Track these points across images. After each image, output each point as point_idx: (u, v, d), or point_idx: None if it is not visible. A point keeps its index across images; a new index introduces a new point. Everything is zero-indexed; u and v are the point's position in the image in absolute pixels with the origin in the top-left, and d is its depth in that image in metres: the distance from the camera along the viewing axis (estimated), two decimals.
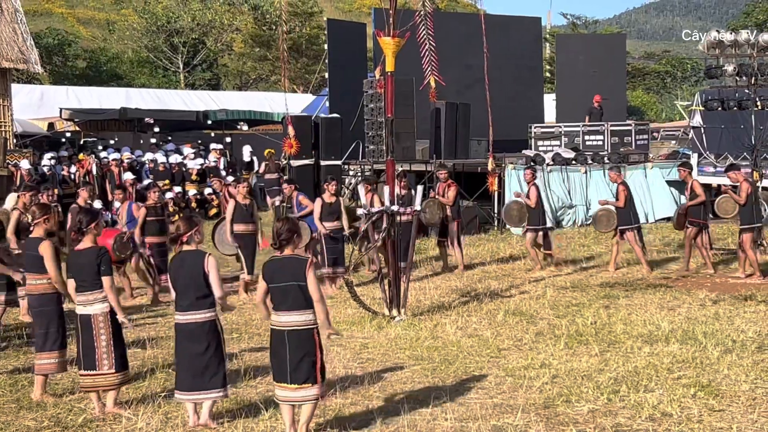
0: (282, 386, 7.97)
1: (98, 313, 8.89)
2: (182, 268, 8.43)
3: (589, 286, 15.59)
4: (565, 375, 9.98)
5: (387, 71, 13.44)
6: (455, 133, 25.12)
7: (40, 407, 9.24)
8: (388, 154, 13.66)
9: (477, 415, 8.60)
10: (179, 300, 8.46)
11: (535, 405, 8.95)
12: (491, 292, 15.24)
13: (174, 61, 58.95)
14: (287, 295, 7.92)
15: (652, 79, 67.91)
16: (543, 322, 12.84)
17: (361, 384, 9.81)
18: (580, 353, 10.95)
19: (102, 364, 8.88)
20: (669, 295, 14.61)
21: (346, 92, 27.05)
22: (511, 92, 30.23)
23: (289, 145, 17.07)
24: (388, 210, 13.27)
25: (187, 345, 8.40)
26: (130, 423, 8.59)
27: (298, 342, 7.90)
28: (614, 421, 8.41)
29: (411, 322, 12.94)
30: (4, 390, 9.92)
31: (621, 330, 12.07)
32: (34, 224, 9.72)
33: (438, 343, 11.76)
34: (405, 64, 16.96)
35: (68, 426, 8.62)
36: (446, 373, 10.30)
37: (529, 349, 11.25)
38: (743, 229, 16.03)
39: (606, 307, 13.65)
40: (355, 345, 11.76)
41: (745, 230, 16.00)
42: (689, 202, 16.88)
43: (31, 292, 9.65)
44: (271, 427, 8.39)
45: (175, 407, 8.90)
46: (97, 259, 8.86)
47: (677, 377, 9.77)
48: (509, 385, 9.68)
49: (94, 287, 8.87)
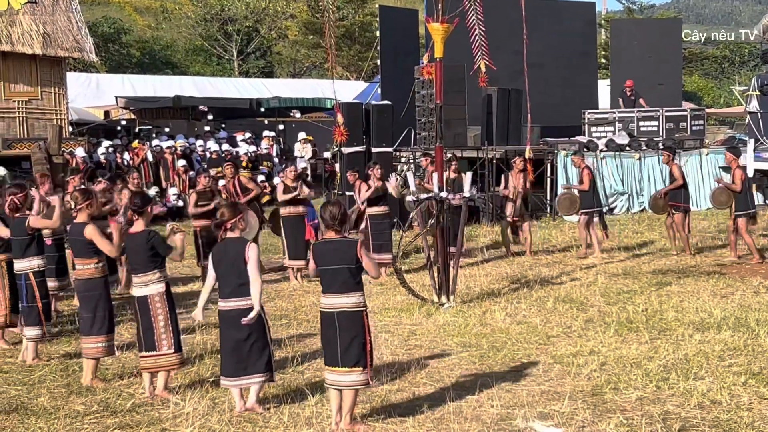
0: (333, 370, 7.97)
1: (154, 293, 9.00)
2: (225, 256, 8.47)
3: (641, 273, 15.44)
4: (614, 362, 9.90)
5: (436, 57, 13.39)
6: (507, 120, 24.96)
7: (89, 392, 9.34)
8: (438, 140, 13.63)
9: (523, 402, 8.56)
10: (222, 287, 8.52)
11: (582, 392, 8.89)
12: (541, 279, 15.15)
13: (228, 49, 59.18)
14: (337, 278, 7.94)
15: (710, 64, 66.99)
16: (593, 309, 12.74)
17: (408, 371, 9.80)
18: (629, 340, 10.85)
19: (161, 344, 8.98)
20: (722, 282, 14.43)
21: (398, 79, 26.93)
22: (564, 78, 29.92)
23: (339, 133, 17.03)
24: (437, 196, 13.23)
25: (230, 332, 8.44)
26: (177, 407, 8.65)
27: (349, 323, 7.91)
28: (662, 408, 8.32)
29: (460, 309, 12.90)
30: (55, 375, 10.04)
31: (672, 317, 11.95)
32: (77, 209, 9.81)
33: (486, 329, 11.72)
34: (456, 51, 16.90)
35: (117, 410, 8.70)
36: (494, 360, 10.26)
37: (578, 336, 11.18)
38: (738, 215, 16.13)
39: (658, 294, 13.51)
40: (403, 332, 11.75)
41: (739, 216, 16.12)
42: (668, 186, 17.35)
43: (79, 277, 9.75)
44: (317, 412, 8.41)
45: (223, 392, 8.95)
46: (148, 242, 8.95)
47: (728, 365, 9.65)
48: (557, 372, 9.63)
49: (147, 269, 8.99)
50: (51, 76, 26.09)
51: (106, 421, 8.39)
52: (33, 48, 25.13)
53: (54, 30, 25.63)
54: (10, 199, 10.87)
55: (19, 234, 10.80)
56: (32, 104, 25.78)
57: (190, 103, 33.97)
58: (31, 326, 10.72)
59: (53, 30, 25.60)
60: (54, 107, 26.13)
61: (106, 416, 8.53)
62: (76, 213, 9.94)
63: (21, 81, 25.62)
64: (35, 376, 9.96)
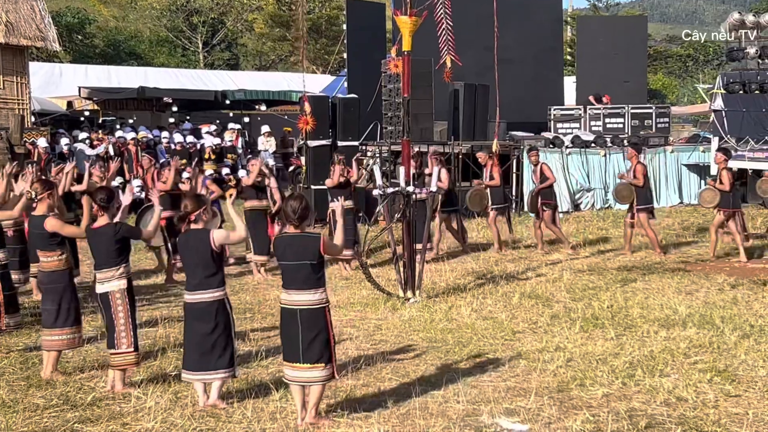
0: (293, 366, 7.89)
1: (115, 290, 8.84)
2: (189, 247, 8.36)
3: (606, 270, 15.45)
4: (580, 358, 9.87)
5: (404, 50, 13.30)
6: (474, 115, 24.94)
7: (49, 385, 9.19)
8: (405, 134, 13.54)
9: (489, 398, 8.51)
10: (188, 279, 8.42)
11: (548, 388, 8.85)
12: (507, 274, 15.12)
13: (193, 40, 58.84)
14: (298, 274, 7.83)
15: (674, 62, 67.36)
16: (559, 305, 12.72)
17: (373, 366, 9.73)
18: (595, 337, 10.83)
19: (120, 342, 8.84)
20: (687, 279, 14.46)
21: (364, 73, 26.85)
22: (530, 74, 29.97)
23: (305, 121, 16.88)
24: (403, 190, 13.16)
25: (194, 324, 8.33)
26: (139, 402, 8.53)
27: (311, 320, 7.81)
28: (629, 405, 8.30)
29: (425, 304, 12.84)
30: (15, 368, 9.87)
31: (637, 314, 11.95)
32: (38, 201, 9.64)
33: (452, 325, 11.66)
34: (424, 45, 16.83)
35: (77, 404, 8.56)
36: (459, 355, 10.21)
37: (544, 332, 11.15)
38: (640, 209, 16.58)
39: (623, 291, 13.52)
40: (368, 326, 11.67)
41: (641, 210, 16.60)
42: (539, 185, 17.60)
43: (42, 269, 9.59)
44: (281, 407, 8.32)
45: (185, 387, 8.83)
46: (114, 236, 8.79)
47: (693, 362, 9.65)
48: (523, 368, 9.58)
49: (110, 264, 8.83)
50: (13, 65, 25.78)
51: (66, 414, 8.26)
52: None
53: (17, 18, 25.32)
54: None
55: None
56: None
57: (154, 95, 33.67)
58: None
59: (16, 18, 25.29)
60: (16, 97, 25.82)
61: (66, 410, 8.39)
62: (36, 205, 9.76)
63: None
64: None
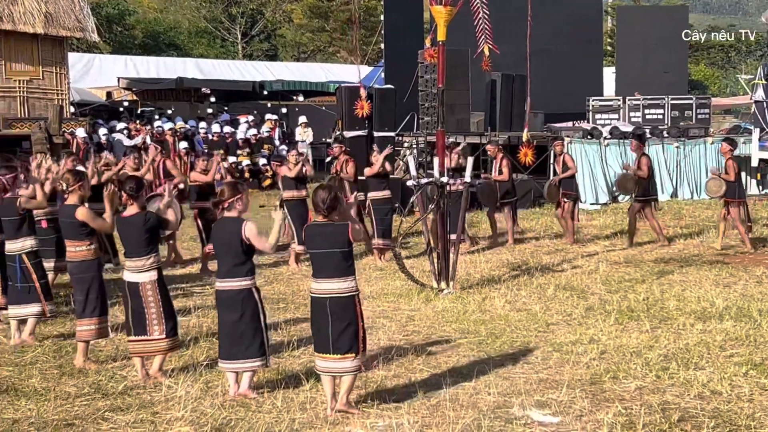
0: (323, 357, 7.88)
1: (146, 281, 8.85)
2: (221, 235, 8.37)
3: (643, 262, 15.31)
4: (614, 351, 9.77)
5: (439, 40, 13.23)
6: (511, 105, 24.81)
7: (81, 374, 9.24)
8: (439, 124, 13.47)
9: (521, 390, 8.44)
10: (219, 266, 8.45)
11: (581, 381, 8.76)
12: (542, 266, 15.01)
13: (232, 31, 59.00)
14: (328, 262, 7.81)
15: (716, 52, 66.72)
16: (594, 297, 12.61)
17: (405, 356, 9.69)
18: (630, 329, 10.72)
19: (153, 329, 8.86)
20: (725, 271, 14.28)
21: (401, 63, 26.82)
22: (569, 65, 29.79)
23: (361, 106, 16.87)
24: (437, 181, 13.09)
25: (224, 313, 8.37)
26: (170, 391, 8.55)
27: (341, 310, 7.80)
28: (662, 398, 8.20)
29: (459, 295, 12.78)
30: (48, 356, 9.93)
31: (674, 306, 11.82)
32: (69, 191, 9.67)
33: (485, 316, 11.59)
34: (460, 36, 16.71)
35: (108, 393, 8.59)
36: (492, 347, 10.14)
37: (578, 324, 11.05)
38: (731, 203, 16.18)
39: (659, 283, 13.37)
40: (401, 317, 11.63)
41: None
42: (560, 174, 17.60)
43: (71, 259, 9.62)
44: (311, 398, 8.30)
45: (216, 376, 8.85)
46: (144, 225, 8.82)
47: (729, 355, 9.52)
48: (556, 360, 9.50)
49: (140, 254, 8.84)
50: (52, 56, 25.94)
51: (98, 403, 8.29)
52: (35, 27, 24.96)
53: (56, 9, 25.46)
54: None
55: (9, 215, 10.66)
56: (33, 84, 25.64)
57: (192, 85, 33.89)
58: (28, 304, 10.56)
59: (55, 9, 25.43)
60: (55, 87, 25.98)
61: (97, 398, 8.43)
62: (67, 195, 9.79)
63: (22, 60, 25.46)
64: (27, 357, 9.86)
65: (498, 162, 17.58)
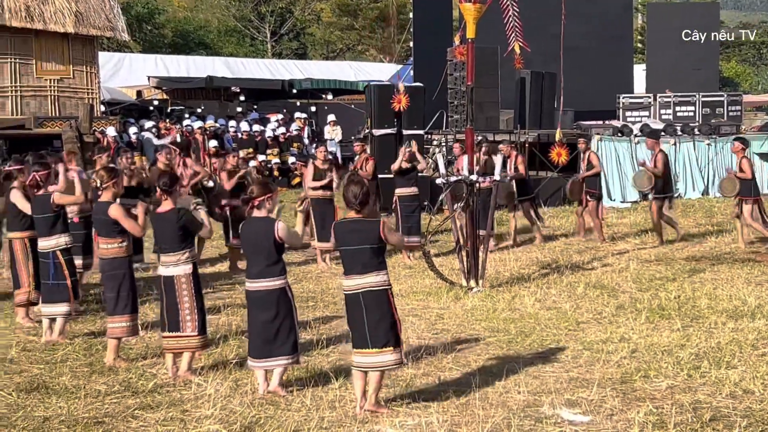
0: (362, 352, 7.85)
1: (181, 274, 8.90)
2: (252, 235, 8.35)
3: (674, 260, 15.21)
4: (645, 350, 9.70)
5: (468, 38, 13.19)
6: (540, 103, 24.73)
7: (112, 371, 9.27)
8: (468, 122, 13.44)
9: (551, 389, 8.39)
10: (249, 267, 8.41)
11: (611, 380, 8.70)
12: (572, 264, 14.94)
13: (261, 30, 59.09)
14: (359, 258, 7.80)
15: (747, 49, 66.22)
16: (625, 295, 12.53)
17: (434, 355, 9.66)
18: (661, 328, 10.64)
19: (185, 325, 8.89)
20: (757, 269, 14.15)
21: (431, 61, 26.79)
22: (599, 62, 29.63)
23: (398, 100, 16.86)
24: (466, 179, 13.05)
25: (257, 312, 8.34)
26: (199, 389, 8.55)
27: (375, 303, 7.79)
28: (693, 397, 8.12)
29: (488, 294, 12.73)
30: (78, 354, 9.97)
31: (705, 305, 11.72)
32: (103, 188, 9.70)
33: (515, 315, 11.55)
34: (490, 33, 16.69)
35: (138, 391, 8.61)
36: (522, 345, 10.10)
37: (608, 323, 10.98)
38: (745, 200, 16.08)
39: (691, 281, 13.27)
40: (430, 315, 11.61)
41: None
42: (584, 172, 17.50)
43: (103, 256, 9.66)
44: (340, 396, 8.29)
45: (246, 374, 8.85)
46: (178, 222, 8.85)
47: (761, 354, 9.43)
48: (586, 359, 9.44)
49: (175, 249, 8.89)
50: (83, 55, 26.06)
51: (128, 401, 8.31)
52: (65, 26, 25.09)
53: (86, 9, 25.58)
54: (32, 176, 10.76)
55: (43, 211, 10.69)
56: (64, 83, 25.79)
57: (222, 84, 33.97)
58: (58, 303, 10.61)
59: (85, 9, 25.55)
60: (85, 86, 26.11)
61: (127, 396, 8.45)
62: (101, 192, 9.83)
63: (53, 59, 25.61)
64: (58, 355, 9.90)
65: (513, 160, 17.47)
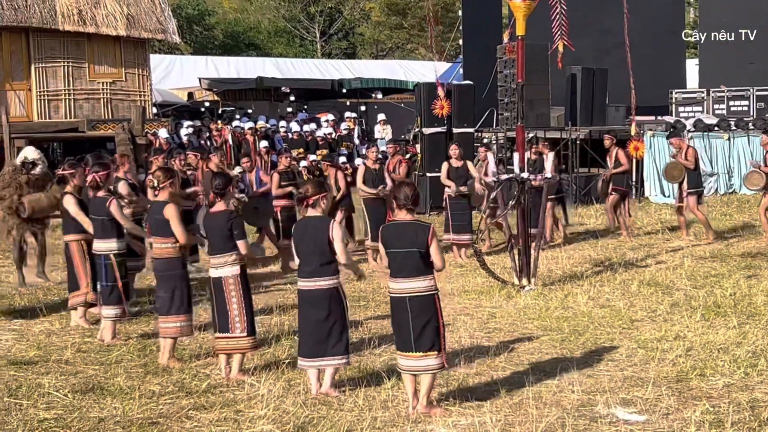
0: (406, 355, 7.84)
1: (228, 276, 8.93)
2: (306, 234, 8.34)
3: (729, 256, 15.03)
4: (700, 348, 9.58)
5: (518, 35, 13.13)
6: (592, 100, 24.56)
7: (165, 372, 9.32)
8: (519, 120, 13.37)
9: (605, 388, 8.31)
10: (302, 266, 8.38)
11: (666, 378, 8.61)
12: (626, 261, 14.81)
13: (310, 30, 59.24)
14: (408, 262, 7.76)
15: None
16: (679, 293, 12.40)
17: (487, 354, 9.62)
18: (717, 325, 10.51)
19: (234, 327, 8.93)
20: None
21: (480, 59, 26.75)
22: (650, 57, 29.33)
23: (440, 107, 16.84)
24: (517, 177, 12.99)
25: (309, 312, 8.33)
26: (252, 389, 8.58)
27: (421, 308, 7.76)
28: (751, 396, 8.01)
29: (541, 292, 12.66)
30: (133, 355, 10.04)
31: (762, 302, 11.56)
32: (160, 188, 9.77)
33: (568, 313, 11.47)
34: (540, 31, 16.59)
35: (192, 391, 8.65)
36: (575, 344, 10.02)
37: (663, 321, 10.87)
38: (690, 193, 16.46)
39: (747, 278, 13.09)
40: (482, 314, 11.56)
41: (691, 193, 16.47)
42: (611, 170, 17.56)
43: (157, 257, 9.72)
44: (392, 396, 8.27)
45: (298, 374, 8.86)
46: (227, 223, 8.90)
47: None
48: (640, 358, 9.35)
49: (224, 250, 8.93)
50: (135, 58, 26.26)
51: (181, 401, 8.34)
52: (117, 29, 25.29)
53: (138, 12, 25.78)
54: (92, 177, 10.82)
55: (99, 214, 10.77)
56: (116, 85, 26.00)
57: (272, 85, 34.13)
58: (110, 305, 10.70)
59: (137, 12, 25.76)
60: (138, 88, 26.31)
61: (181, 397, 8.49)
62: (157, 192, 9.90)
63: (105, 62, 25.83)
64: (113, 356, 9.97)
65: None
